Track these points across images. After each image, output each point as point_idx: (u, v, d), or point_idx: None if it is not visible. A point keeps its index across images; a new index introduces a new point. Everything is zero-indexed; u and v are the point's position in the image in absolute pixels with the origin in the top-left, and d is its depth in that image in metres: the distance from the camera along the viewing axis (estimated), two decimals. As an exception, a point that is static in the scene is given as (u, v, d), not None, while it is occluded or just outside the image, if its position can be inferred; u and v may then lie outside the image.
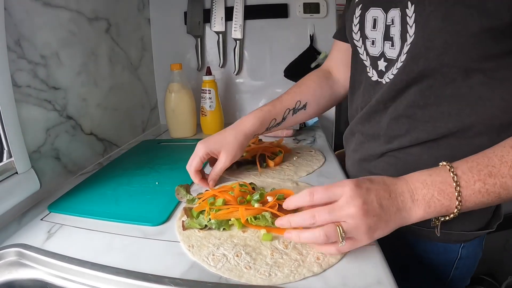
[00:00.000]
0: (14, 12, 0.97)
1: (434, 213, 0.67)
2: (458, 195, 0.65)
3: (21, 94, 0.99)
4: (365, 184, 0.67)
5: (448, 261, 0.93)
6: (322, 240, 0.65)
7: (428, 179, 0.67)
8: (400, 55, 0.81)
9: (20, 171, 0.94)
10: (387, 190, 0.67)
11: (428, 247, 0.93)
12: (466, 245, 0.91)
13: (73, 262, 0.71)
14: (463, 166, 0.67)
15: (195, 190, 1.04)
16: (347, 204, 0.65)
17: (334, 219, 0.65)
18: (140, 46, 1.75)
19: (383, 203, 0.66)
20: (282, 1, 1.76)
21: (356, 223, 0.64)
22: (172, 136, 1.67)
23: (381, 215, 0.65)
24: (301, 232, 0.68)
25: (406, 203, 0.67)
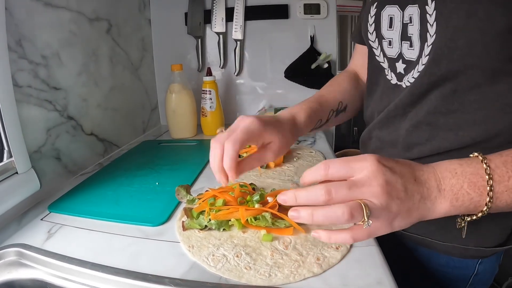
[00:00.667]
0: (15, 12, 0.97)
1: (461, 208, 0.58)
2: (490, 190, 0.56)
3: (22, 94, 0.99)
4: (389, 162, 0.58)
5: (463, 277, 0.87)
6: (345, 219, 0.52)
7: (459, 169, 0.58)
8: (421, 56, 0.74)
9: (20, 171, 0.95)
10: (413, 174, 0.58)
11: (444, 261, 0.86)
12: (483, 261, 0.84)
13: (73, 262, 0.71)
14: (496, 159, 0.58)
15: (195, 191, 1.04)
16: (370, 180, 0.55)
17: (355, 197, 0.55)
18: (140, 46, 1.75)
19: (408, 186, 0.57)
20: (282, 2, 1.76)
21: (380, 203, 0.55)
22: (173, 136, 1.67)
23: (405, 200, 0.56)
24: (315, 209, 0.55)
25: (431, 192, 0.58)
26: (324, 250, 0.71)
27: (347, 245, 0.73)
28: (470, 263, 0.85)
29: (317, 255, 0.70)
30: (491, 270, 0.88)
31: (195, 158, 1.34)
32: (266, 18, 1.79)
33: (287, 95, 1.86)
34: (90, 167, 1.31)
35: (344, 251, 0.71)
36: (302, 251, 0.72)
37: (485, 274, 0.87)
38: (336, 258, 0.69)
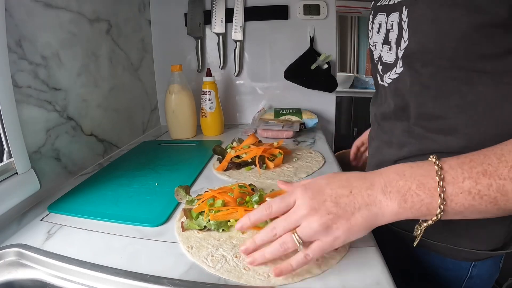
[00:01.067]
0: (15, 13, 0.97)
1: (412, 209, 0.59)
2: (441, 192, 0.57)
3: (22, 94, 0.99)
4: (316, 184, 0.65)
5: (457, 279, 0.86)
6: (281, 251, 0.63)
7: (408, 171, 0.61)
8: (398, 60, 0.78)
9: (20, 171, 0.95)
10: (348, 187, 0.63)
11: (439, 261, 0.86)
12: (477, 264, 0.83)
13: (73, 262, 0.72)
14: (452, 161, 0.59)
15: (194, 191, 1.04)
16: (298, 207, 0.64)
17: (291, 225, 0.63)
18: (140, 47, 1.75)
19: (339, 201, 0.61)
20: (282, 3, 1.77)
21: (310, 224, 0.61)
22: (172, 137, 1.67)
23: (338, 213, 0.61)
24: (264, 249, 0.66)
25: (375, 197, 0.61)
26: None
27: (346, 246, 0.73)
28: (463, 265, 0.84)
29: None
30: (488, 276, 0.87)
31: (194, 158, 1.34)
32: (265, 19, 1.80)
33: (287, 95, 1.87)
34: (90, 167, 1.32)
35: (343, 252, 0.71)
36: (301, 252, 0.72)
37: (480, 278, 0.86)
38: (335, 259, 0.69)
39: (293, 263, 0.64)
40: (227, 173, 1.17)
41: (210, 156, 1.35)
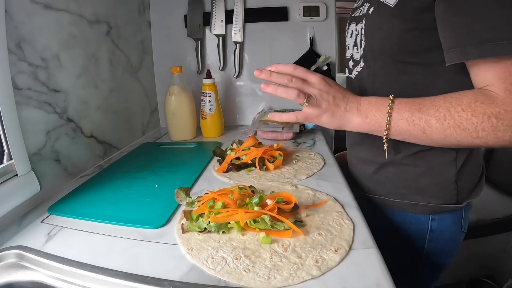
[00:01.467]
0: (15, 14, 0.97)
1: (369, 124, 0.86)
2: (388, 116, 0.83)
3: (22, 96, 0.99)
4: (330, 82, 0.90)
5: (420, 232, 1.03)
6: (294, 95, 0.86)
7: (373, 100, 0.87)
8: (361, 57, 1.02)
9: (20, 173, 0.95)
10: (344, 94, 0.90)
11: (401, 218, 1.05)
12: (436, 218, 1.01)
13: (73, 264, 0.72)
14: (401, 99, 0.83)
15: (194, 193, 1.04)
16: (314, 84, 0.89)
17: (303, 89, 0.88)
18: (140, 49, 1.75)
19: (336, 99, 0.88)
20: (282, 4, 1.78)
21: (316, 99, 0.88)
22: (172, 139, 1.67)
23: (331, 105, 0.88)
24: (279, 87, 0.88)
25: (352, 109, 0.88)
26: (323, 253, 0.72)
27: (346, 248, 0.73)
28: (422, 219, 1.02)
29: (316, 258, 0.70)
30: (450, 232, 1.04)
31: (194, 160, 1.34)
32: (265, 21, 1.80)
33: (287, 97, 1.87)
34: (90, 169, 1.32)
35: (343, 254, 0.72)
36: (301, 254, 0.72)
37: (441, 233, 1.03)
38: (335, 261, 0.70)
39: (284, 116, 0.94)
40: (227, 175, 1.17)
41: (210, 158, 1.35)
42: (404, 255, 1.06)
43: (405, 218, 1.04)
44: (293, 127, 1.61)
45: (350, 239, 0.77)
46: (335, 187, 1.05)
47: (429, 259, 1.06)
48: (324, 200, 0.94)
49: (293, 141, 1.57)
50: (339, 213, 0.87)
